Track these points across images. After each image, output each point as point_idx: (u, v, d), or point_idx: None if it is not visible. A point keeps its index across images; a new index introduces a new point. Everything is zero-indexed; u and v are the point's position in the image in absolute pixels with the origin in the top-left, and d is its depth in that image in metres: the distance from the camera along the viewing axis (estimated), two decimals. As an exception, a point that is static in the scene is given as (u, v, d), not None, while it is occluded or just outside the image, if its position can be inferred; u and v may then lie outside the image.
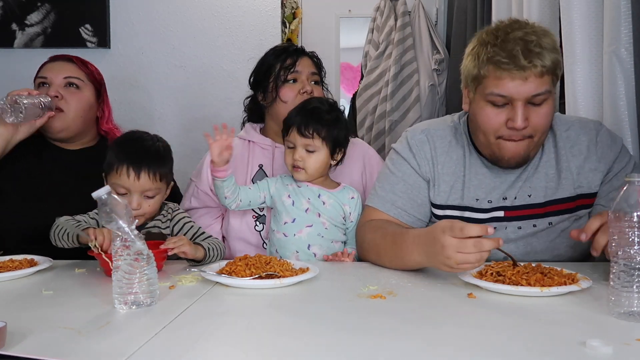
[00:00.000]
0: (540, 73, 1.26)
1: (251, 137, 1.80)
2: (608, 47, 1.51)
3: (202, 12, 2.87)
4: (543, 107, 1.31)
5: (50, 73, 1.74)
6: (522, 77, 1.26)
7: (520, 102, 1.28)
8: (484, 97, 1.32)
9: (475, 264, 1.12)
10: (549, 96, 1.31)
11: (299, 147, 1.55)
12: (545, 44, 1.27)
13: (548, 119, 1.34)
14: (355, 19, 3.49)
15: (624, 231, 0.94)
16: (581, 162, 1.42)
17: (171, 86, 2.88)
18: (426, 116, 3.04)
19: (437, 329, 0.91)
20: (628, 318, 0.93)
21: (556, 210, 1.42)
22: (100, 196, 1.04)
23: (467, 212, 1.45)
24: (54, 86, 1.72)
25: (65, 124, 1.71)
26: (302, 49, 1.82)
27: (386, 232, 1.40)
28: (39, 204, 1.64)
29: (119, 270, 1.04)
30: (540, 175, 1.43)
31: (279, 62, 1.75)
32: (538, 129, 1.32)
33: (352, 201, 1.60)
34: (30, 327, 0.92)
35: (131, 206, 1.40)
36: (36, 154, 1.73)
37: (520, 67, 1.25)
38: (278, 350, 0.83)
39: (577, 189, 1.42)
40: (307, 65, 1.77)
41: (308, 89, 1.73)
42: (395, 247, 1.33)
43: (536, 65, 1.25)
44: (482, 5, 2.58)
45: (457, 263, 1.12)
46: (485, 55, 1.29)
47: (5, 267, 1.32)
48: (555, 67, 1.30)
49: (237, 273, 1.19)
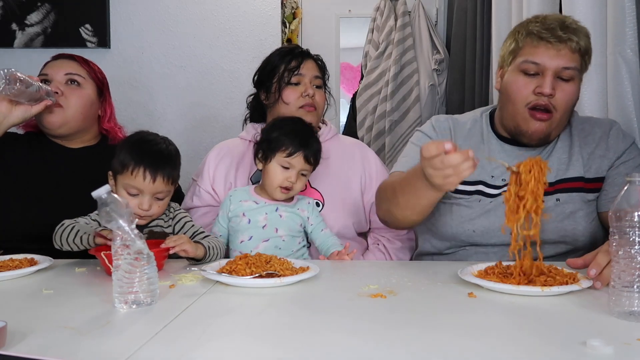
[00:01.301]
0: (573, 49, 1.38)
1: (252, 138, 1.80)
2: (613, 48, 1.52)
3: (202, 12, 2.87)
4: (569, 85, 1.40)
5: (51, 70, 1.74)
6: (556, 49, 1.37)
7: (550, 72, 1.38)
8: (517, 68, 1.42)
9: (461, 177, 1.15)
10: (576, 75, 1.41)
11: (297, 171, 1.55)
12: (581, 28, 1.41)
13: (572, 97, 1.42)
14: (355, 19, 3.49)
15: (625, 231, 0.94)
16: (592, 149, 1.50)
17: (171, 86, 2.89)
18: (426, 116, 3.04)
19: (437, 328, 0.91)
20: (628, 318, 0.93)
21: (564, 188, 1.48)
22: (100, 195, 1.04)
23: (481, 185, 1.51)
24: (55, 82, 1.71)
25: (64, 119, 1.70)
26: (308, 52, 1.82)
27: (399, 178, 1.45)
28: (40, 203, 1.64)
29: (119, 270, 1.04)
30: (554, 159, 1.50)
31: (284, 64, 1.76)
32: (562, 105, 1.40)
33: (308, 206, 1.61)
34: (30, 327, 0.91)
35: (142, 207, 1.42)
36: (37, 152, 1.73)
37: (557, 38, 1.36)
38: (278, 349, 0.83)
39: (587, 171, 1.49)
40: (310, 69, 1.77)
41: (310, 92, 1.74)
42: (408, 179, 1.36)
43: (572, 39, 1.37)
44: (482, 5, 2.58)
45: (445, 178, 1.16)
46: (525, 30, 1.42)
47: (5, 267, 1.31)
48: (587, 51, 1.41)
49: (238, 272, 1.19)
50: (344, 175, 1.76)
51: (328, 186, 1.73)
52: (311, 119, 1.73)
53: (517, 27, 1.47)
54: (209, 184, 1.76)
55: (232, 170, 1.77)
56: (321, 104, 1.79)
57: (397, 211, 1.42)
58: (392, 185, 1.44)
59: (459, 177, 1.15)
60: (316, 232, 1.60)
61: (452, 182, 1.17)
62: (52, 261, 1.38)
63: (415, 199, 1.34)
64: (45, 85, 1.64)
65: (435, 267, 1.37)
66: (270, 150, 1.56)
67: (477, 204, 1.51)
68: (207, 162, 1.80)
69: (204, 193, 1.77)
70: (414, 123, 3.03)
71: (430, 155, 1.14)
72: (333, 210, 1.71)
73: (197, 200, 1.77)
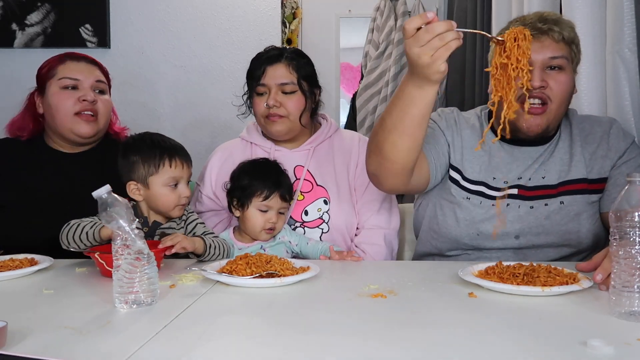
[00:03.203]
0: (556, 39, 1.37)
1: (252, 139, 1.79)
2: (611, 48, 1.51)
3: (202, 12, 2.88)
4: (561, 74, 1.39)
5: (82, 75, 1.69)
6: (539, 41, 1.36)
7: (537, 64, 1.37)
8: None
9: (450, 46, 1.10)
10: (566, 65, 1.40)
11: (275, 211, 1.56)
12: (563, 20, 1.39)
13: (566, 86, 1.40)
14: (355, 19, 3.50)
15: (625, 231, 0.94)
16: (594, 149, 1.48)
17: (171, 86, 2.89)
18: (426, 116, 3.04)
19: (437, 328, 0.91)
20: (629, 318, 0.93)
21: (568, 190, 1.47)
22: (100, 195, 1.04)
23: (482, 186, 1.50)
24: (86, 90, 1.67)
25: (97, 129, 1.70)
26: (275, 56, 1.70)
27: None
28: (41, 209, 1.62)
29: (119, 270, 1.04)
30: (555, 160, 1.48)
31: (252, 72, 1.72)
32: (556, 94, 1.39)
33: (284, 231, 1.61)
34: (30, 327, 0.91)
35: (185, 194, 1.49)
36: (36, 158, 1.70)
37: (537, 30, 1.35)
38: (278, 349, 0.83)
39: (590, 172, 1.47)
40: (276, 76, 1.68)
41: (270, 103, 1.67)
42: (393, 98, 1.30)
43: (553, 29, 1.36)
44: (482, 5, 2.58)
45: (427, 55, 1.10)
46: (505, 31, 1.33)
47: (5, 267, 1.31)
48: (572, 40, 1.40)
49: (238, 272, 1.19)
50: (345, 169, 1.75)
51: (334, 183, 1.72)
52: (279, 127, 1.69)
53: (499, 32, 1.42)
54: (211, 189, 1.76)
55: None
56: (294, 109, 1.68)
57: (385, 140, 1.31)
58: (380, 119, 1.36)
59: (446, 49, 1.10)
60: (304, 248, 1.60)
61: (441, 56, 1.10)
62: (52, 261, 1.38)
63: (405, 108, 1.25)
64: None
65: (436, 267, 1.37)
66: (245, 197, 1.55)
67: (479, 206, 1.50)
68: (208, 166, 1.80)
69: (205, 199, 1.77)
70: (414, 123, 3.03)
71: (413, 27, 1.10)
72: (340, 206, 1.70)
73: (199, 206, 1.77)
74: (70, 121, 1.66)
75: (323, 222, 1.69)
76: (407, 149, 1.31)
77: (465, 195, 1.51)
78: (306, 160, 1.74)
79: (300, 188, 1.70)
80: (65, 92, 1.67)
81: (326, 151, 1.77)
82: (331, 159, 1.75)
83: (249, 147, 1.79)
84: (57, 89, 1.67)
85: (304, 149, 1.76)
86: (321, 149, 1.77)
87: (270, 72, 1.69)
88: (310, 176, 1.72)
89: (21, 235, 1.59)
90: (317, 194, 1.70)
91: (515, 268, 1.15)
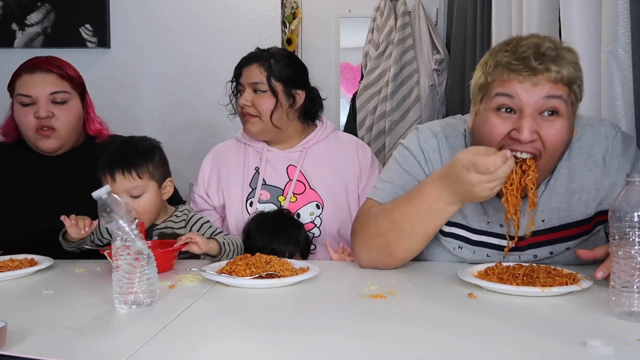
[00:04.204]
0: (554, 79, 1.12)
1: (246, 140, 1.80)
2: (606, 47, 1.51)
3: (202, 12, 2.87)
4: (557, 122, 1.15)
5: (34, 90, 1.61)
6: (532, 81, 1.12)
7: (529, 111, 1.13)
8: (489, 105, 1.18)
9: (502, 181, 1.14)
10: (564, 108, 1.14)
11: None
12: (564, 54, 1.14)
13: (562, 136, 1.17)
14: (355, 19, 3.49)
15: (625, 231, 0.94)
16: (598, 176, 1.28)
17: (171, 86, 2.88)
18: (426, 116, 3.04)
19: (437, 328, 0.91)
20: (628, 318, 0.93)
21: (573, 235, 1.31)
22: (100, 196, 1.04)
23: (480, 235, 1.35)
24: (42, 105, 1.61)
25: (59, 142, 1.66)
26: (251, 56, 1.74)
27: (394, 202, 1.29)
28: (31, 212, 1.62)
29: (119, 270, 1.04)
30: (552, 195, 1.29)
31: (234, 72, 1.76)
32: (550, 146, 1.16)
33: None
34: (30, 327, 0.91)
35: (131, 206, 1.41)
36: (23, 161, 1.69)
37: (531, 69, 1.11)
38: (278, 350, 0.83)
39: (598, 206, 1.29)
40: (249, 76, 1.71)
41: (241, 102, 1.70)
42: (414, 202, 1.23)
43: (549, 69, 1.11)
44: (482, 5, 2.58)
45: (492, 190, 1.14)
46: (493, 61, 1.17)
47: (5, 267, 1.31)
48: (573, 79, 1.14)
49: (238, 272, 1.19)
50: (340, 174, 1.75)
51: (327, 187, 1.72)
52: (250, 127, 1.71)
53: (486, 56, 1.22)
54: (203, 189, 1.78)
55: (225, 175, 1.76)
56: (263, 109, 1.68)
57: (398, 243, 1.26)
58: (388, 216, 1.27)
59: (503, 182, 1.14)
60: None
61: (498, 188, 1.14)
62: (52, 261, 1.38)
63: (433, 220, 1.23)
64: None
65: (435, 267, 1.37)
66: None
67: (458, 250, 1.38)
68: (202, 167, 1.81)
69: (198, 198, 1.78)
70: (414, 123, 3.03)
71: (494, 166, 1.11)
72: (332, 210, 1.70)
73: (192, 206, 1.78)
74: (33, 137, 1.64)
75: (315, 226, 1.69)
76: (419, 250, 1.31)
77: (458, 244, 1.38)
78: (298, 161, 1.74)
79: (292, 190, 1.70)
80: (24, 109, 1.63)
81: (322, 154, 1.76)
82: (327, 163, 1.75)
83: (242, 147, 1.80)
84: (18, 105, 1.64)
85: (296, 150, 1.76)
86: (316, 151, 1.76)
87: (245, 72, 1.73)
88: (303, 178, 1.72)
89: (11, 236, 1.58)
90: (309, 197, 1.71)
91: (515, 269, 1.16)
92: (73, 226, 1.36)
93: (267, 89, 1.69)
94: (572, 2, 1.61)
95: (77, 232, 1.37)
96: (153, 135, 1.59)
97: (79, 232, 1.37)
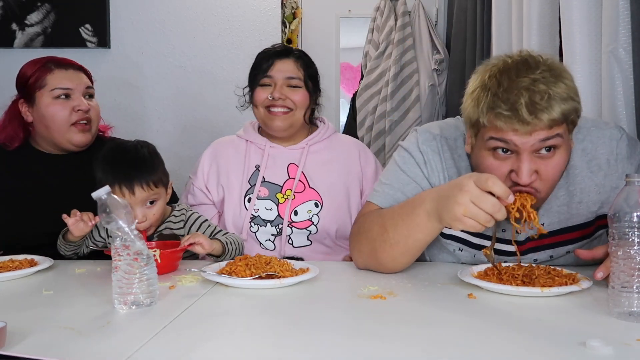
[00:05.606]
0: (548, 126, 1.11)
1: (248, 137, 1.80)
2: (606, 47, 1.51)
3: (202, 12, 2.88)
4: (555, 157, 1.16)
5: (71, 83, 1.67)
6: (525, 131, 1.11)
7: (525, 153, 1.13)
8: (484, 145, 1.18)
9: (479, 226, 1.07)
10: (561, 142, 1.15)
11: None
12: (556, 94, 1.10)
13: (560, 167, 1.19)
14: (355, 19, 3.49)
15: (624, 231, 0.94)
16: (601, 179, 1.27)
17: (171, 86, 2.89)
18: (426, 116, 3.04)
19: (437, 329, 0.91)
20: (628, 318, 0.93)
21: (573, 238, 1.32)
22: (100, 196, 1.04)
23: (481, 239, 1.34)
24: (78, 99, 1.66)
25: (91, 136, 1.71)
26: (283, 51, 1.75)
27: (390, 209, 1.29)
28: (35, 214, 1.61)
29: (118, 270, 1.04)
30: (551, 198, 1.27)
31: (258, 65, 1.74)
32: (547, 180, 1.17)
33: None
34: (30, 327, 0.92)
35: (137, 219, 1.38)
36: (27, 164, 1.69)
37: (524, 122, 1.10)
38: (278, 351, 0.83)
39: (599, 209, 1.29)
40: (284, 70, 1.70)
41: (276, 95, 1.68)
42: (403, 211, 1.23)
43: (541, 119, 1.09)
44: (482, 5, 2.58)
45: (464, 214, 1.07)
46: (485, 103, 1.13)
47: (5, 267, 1.31)
48: (568, 116, 1.12)
49: (237, 273, 1.19)
50: (342, 175, 1.75)
51: (326, 186, 1.73)
52: (280, 122, 1.70)
53: (477, 88, 1.17)
54: (203, 183, 1.77)
55: (224, 171, 1.76)
56: (300, 103, 1.71)
57: (385, 251, 1.25)
58: (381, 221, 1.27)
59: (476, 226, 1.08)
60: None
61: (475, 225, 1.08)
62: (52, 262, 1.38)
63: (411, 231, 1.20)
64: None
65: (435, 268, 1.37)
66: None
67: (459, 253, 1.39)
68: (201, 161, 1.80)
69: (197, 191, 1.78)
70: (414, 123, 3.03)
71: (492, 189, 1.06)
72: (331, 210, 1.70)
73: (191, 199, 1.78)
74: (66, 131, 1.65)
75: (312, 224, 1.69)
76: (406, 263, 1.28)
77: (458, 247, 1.39)
78: (300, 158, 1.74)
79: (294, 188, 1.70)
80: (59, 103, 1.65)
81: (322, 154, 1.77)
82: (327, 163, 1.75)
83: (244, 143, 1.80)
84: (50, 100, 1.64)
85: (299, 147, 1.76)
86: (317, 151, 1.77)
87: (279, 65, 1.72)
88: (303, 177, 1.72)
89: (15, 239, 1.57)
90: (308, 195, 1.71)
91: (515, 269, 1.16)
92: (78, 221, 1.34)
93: (302, 85, 1.72)
94: (572, 2, 1.61)
95: (81, 228, 1.35)
96: (153, 135, 1.59)
97: (84, 228, 1.35)
